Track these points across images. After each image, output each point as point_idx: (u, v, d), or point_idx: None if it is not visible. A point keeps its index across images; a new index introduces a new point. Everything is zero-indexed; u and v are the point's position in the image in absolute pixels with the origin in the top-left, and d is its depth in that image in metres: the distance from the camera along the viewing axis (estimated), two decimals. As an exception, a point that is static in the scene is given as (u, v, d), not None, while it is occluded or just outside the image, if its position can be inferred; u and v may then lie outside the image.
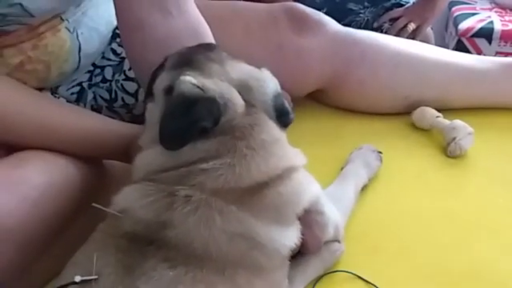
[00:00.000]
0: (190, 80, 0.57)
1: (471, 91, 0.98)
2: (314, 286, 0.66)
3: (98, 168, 0.77)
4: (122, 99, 0.95)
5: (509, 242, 0.72)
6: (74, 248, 0.54)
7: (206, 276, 0.49)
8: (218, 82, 0.58)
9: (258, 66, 0.63)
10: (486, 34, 1.85)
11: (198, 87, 0.56)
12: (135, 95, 0.95)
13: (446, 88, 0.98)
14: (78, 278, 0.47)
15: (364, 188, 0.81)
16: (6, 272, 0.60)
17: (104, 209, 0.53)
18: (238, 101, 0.58)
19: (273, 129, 0.59)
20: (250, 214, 0.53)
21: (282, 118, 0.60)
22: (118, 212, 0.54)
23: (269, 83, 0.61)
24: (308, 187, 0.61)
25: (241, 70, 0.61)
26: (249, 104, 0.58)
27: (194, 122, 0.54)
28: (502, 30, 1.83)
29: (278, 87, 0.63)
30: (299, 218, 0.60)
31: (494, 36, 1.86)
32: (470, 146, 0.88)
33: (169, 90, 0.58)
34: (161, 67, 0.64)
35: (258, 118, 0.58)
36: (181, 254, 0.49)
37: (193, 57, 0.61)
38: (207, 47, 0.64)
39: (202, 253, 0.50)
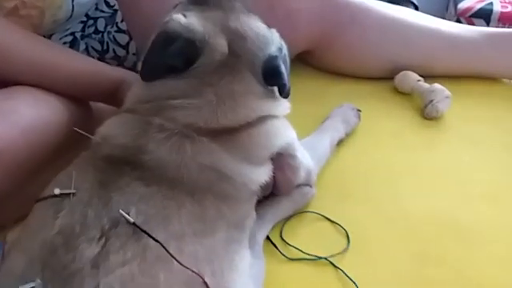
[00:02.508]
0: (178, 19, 0.61)
1: (455, 58, 1.02)
2: (283, 224, 0.72)
3: (86, 110, 0.81)
4: (114, 51, 0.99)
5: (469, 193, 0.78)
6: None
7: (177, 195, 0.54)
8: (208, 26, 0.62)
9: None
10: (485, 14, 1.86)
11: (185, 28, 0.60)
12: (126, 47, 0.99)
13: (430, 54, 1.02)
14: (57, 191, 0.52)
15: (341, 142, 0.86)
16: (4, 192, 0.65)
17: (84, 133, 0.58)
18: (220, 48, 0.61)
19: (249, 82, 0.62)
20: (221, 147, 0.58)
21: (269, 79, 0.63)
22: (98, 139, 0.58)
23: (269, 42, 0.63)
24: (282, 132, 0.65)
25: (244, 22, 0.64)
26: (233, 54, 0.62)
27: (166, 58, 0.59)
28: (501, 12, 1.84)
29: (282, 51, 0.65)
30: (272, 160, 0.65)
31: (493, 17, 1.88)
32: (447, 109, 0.93)
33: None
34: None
35: (235, 68, 0.61)
36: (154, 176, 0.54)
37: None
38: None
39: (174, 176, 0.55)
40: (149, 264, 0.47)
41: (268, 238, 0.70)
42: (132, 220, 0.48)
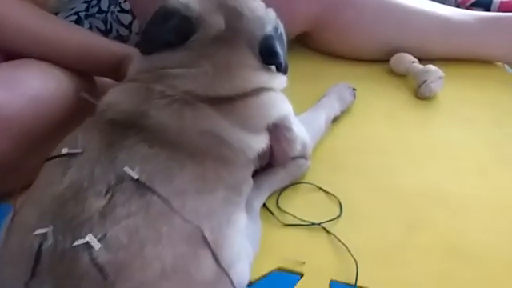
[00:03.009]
0: None
1: (449, 41, 1.06)
2: (279, 194, 0.76)
3: (90, 84, 0.84)
4: (117, 31, 1.02)
5: (459, 168, 0.82)
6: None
7: (179, 157, 0.57)
8: (206, 3, 0.66)
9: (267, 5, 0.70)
10: (485, 4, 1.87)
11: (183, 5, 0.63)
12: (129, 27, 1.02)
13: (425, 36, 1.05)
14: (64, 150, 0.56)
15: (336, 119, 0.90)
16: (2, 161, 0.68)
17: (89, 98, 0.61)
18: (217, 25, 0.65)
19: (245, 54, 0.65)
20: (219, 114, 0.61)
21: (265, 58, 0.66)
22: (102, 107, 0.62)
23: (265, 21, 0.67)
24: (278, 104, 0.69)
25: (242, 1, 0.67)
26: (230, 30, 0.66)
27: (163, 33, 0.64)
28: (501, 2, 1.86)
29: (278, 30, 0.69)
30: (269, 132, 0.68)
31: (493, 7, 1.89)
32: (440, 90, 0.96)
33: None
34: None
35: (231, 42, 0.65)
36: (157, 138, 0.58)
37: None
38: None
39: (176, 140, 0.58)
40: (152, 218, 0.51)
41: (264, 205, 0.74)
42: (136, 176, 0.52)
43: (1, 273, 0.51)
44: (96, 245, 0.46)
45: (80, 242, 0.45)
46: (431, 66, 0.98)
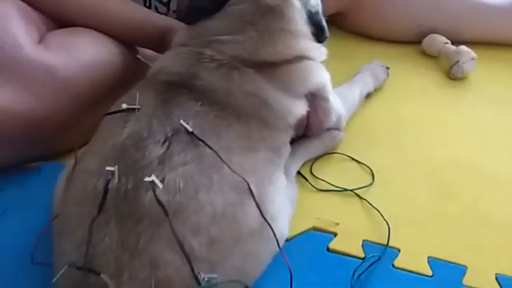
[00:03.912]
0: None
1: (482, 23, 1.09)
2: (313, 162, 0.81)
3: (135, 54, 0.89)
4: (156, 8, 1.07)
5: (489, 144, 0.86)
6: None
7: (226, 116, 0.63)
8: None
9: None
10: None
11: None
12: (167, 4, 1.07)
13: (458, 18, 1.08)
14: (124, 106, 0.61)
15: (369, 96, 0.95)
16: (59, 121, 0.74)
17: (145, 60, 0.66)
18: None
19: (288, 22, 0.70)
20: (264, 78, 0.66)
21: (317, 33, 0.71)
22: (155, 70, 0.67)
23: None
24: (317, 72, 0.74)
25: None
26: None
27: (197, 1, 0.69)
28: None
29: (319, 5, 0.74)
30: (307, 101, 0.73)
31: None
32: (472, 71, 0.99)
33: None
34: None
35: (275, 10, 0.69)
36: (207, 98, 0.63)
37: None
38: None
39: (223, 100, 0.64)
40: (204, 167, 0.56)
41: (299, 172, 0.79)
42: (191, 129, 0.57)
43: (65, 213, 0.57)
44: (159, 183, 0.51)
45: (147, 179, 0.51)
46: (463, 47, 1.01)
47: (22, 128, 0.71)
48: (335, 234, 0.70)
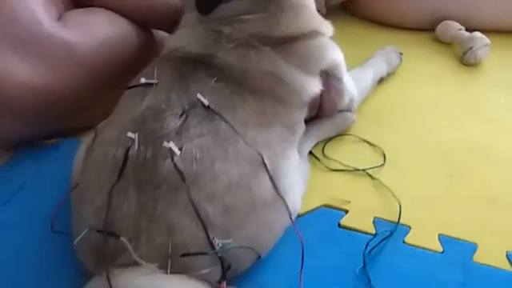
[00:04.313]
0: None
1: (495, 10, 1.08)
2: (325, 143, 0.82)
3: (150, 35, 0.92)
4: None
5: (501, 128, 0.86)
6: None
7: (242, 92, 0.65)
8: None
9: None
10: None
11: None
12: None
13: (471, 5, 1.08)
14: (142, 80, 0.63)
15: (382, 80, 0.95)
16: (77, 97, 0.77)
17: (159, 35, 0.68)
18: None
19: None
20: (280, 56, 0.68)
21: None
22: (171, 48, 0.69)
23: None
24: (332, 49, 0.76)
25: None
26: None
27: None
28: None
29: None
30: (321, 79, 0.74)
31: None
32: (485, 57, 1.00)
33: None
34: None
35: None
36: (223, 75, 0.65)
37: None
38: None
39: (239, 78, 0.66)
40: (220, 139, 0.58)
41: (311, 152, 0.80)
42: (207, 103, 0.59)
43: (85, 181, 0.60)
44: (177, 150, 0.53)
45: (166, 144, 0.53)
46: (477, 33, 1.01)
47: (40, 103, 0.74)
48: (346, 211, 0.71)
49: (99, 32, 0.80)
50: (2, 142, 0.79)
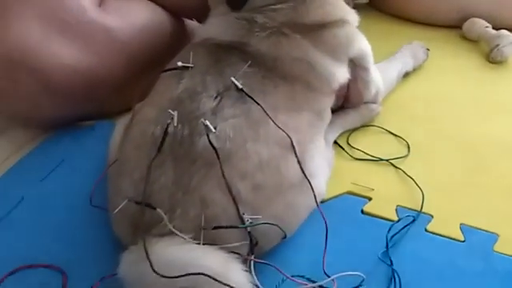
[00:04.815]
0: None
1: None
2: (349, 134, 0.85)
3: (182, 24, 0.95)
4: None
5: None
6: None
7: (273, 77, 0.67)
8: None
9: None
10: None
11: None
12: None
13: (498, 2, 1.09)
14: (179, 63, 0.66)
15: (407, 75, 0.97)
16: (115, 81, 0.81)
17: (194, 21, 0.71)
18: None
19: None
20: (310, 43, 0.71)
21: None
22: (204, 36, 0.72)
23: None
24: (360, 39, 0.78)
25: None
26: None
27: None
28: None
29: None
30: (348, 68, 0.76)
31: None
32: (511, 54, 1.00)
33: None
34: None
35: None
36: (256, 61, 0.68)
37: None
38: None
39: (272, 65, 0.68)
40: (252, 121, 0.61)
41: (335, 142, 0.83)
42: (241, 86, 0.62)
43: (124, 156, 0.63)
44: (212, 128, 0.57)
45: (203, 121, 0.57)
46: (504, 31, 1.03)
47: (82, 85, 0.78)
48: (370, 199, 0.73)
49: (136, 19, 0.84)
50: (42, 122, 0.83)
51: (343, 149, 0.82)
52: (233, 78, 0.63)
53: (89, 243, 0.67)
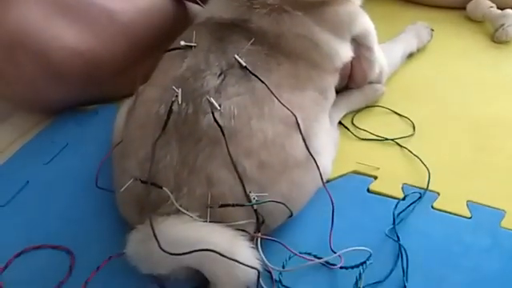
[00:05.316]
0: None
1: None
2: (354, 114, 0.84)
3: (184, 7, 0.95)
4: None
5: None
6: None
7: (277, 55, 0.67)
8: None
9: None
10: None
11: None
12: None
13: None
14: (182, 43, 0.66)
15: (411, 56, 0.97)
16: (117, 63, 0.81)
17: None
18: None
19: None
20: (313, 20, 0.70)
21: None
22: (206, 16, 0.72)
23: None
24: (362, 16, 0.77)
25: None
26: None
27: None
28: None
29: None
30: (352, 46, 0.76)
31: None
32: (517, 34, 0.99)
33: None
34: None
35: None
36: (258, 38, 0.67)
37: None
38: None
39: (274, 41, 0.68)
40: (256, 99, 0.61)
41: (340, 122, 0.82)
42: (244, 64, 0.62)
43: (129, 136, 0.63)
44: (217, 106, 0.56)
45: (209, 98, 0.56)
46: (509, 11, 1.01)
47: (84, 68, 0.78)
48: (375, 178, 0.73)
49: (139, 1, 0.84)
50: (46, 106, 0.83)
51: (348, 129, 0.81)
52: (236, 56, 0.62)
53: (95, 224, 0.67)
